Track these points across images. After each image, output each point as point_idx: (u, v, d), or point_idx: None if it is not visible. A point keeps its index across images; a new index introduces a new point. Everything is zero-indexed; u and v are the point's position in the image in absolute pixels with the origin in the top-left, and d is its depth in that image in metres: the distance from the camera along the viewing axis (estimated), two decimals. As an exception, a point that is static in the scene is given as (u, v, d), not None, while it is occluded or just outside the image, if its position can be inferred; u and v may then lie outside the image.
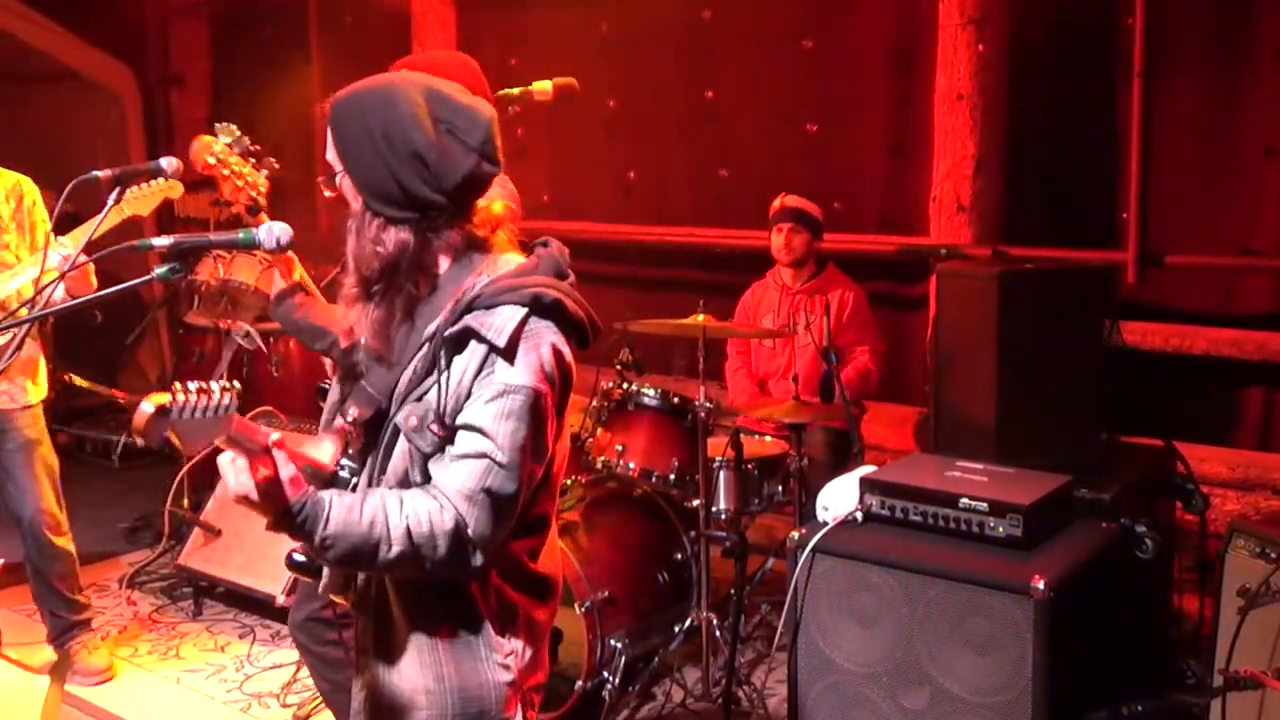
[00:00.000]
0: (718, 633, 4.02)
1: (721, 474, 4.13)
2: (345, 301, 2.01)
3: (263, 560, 4.58)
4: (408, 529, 1.81)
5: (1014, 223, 5.02)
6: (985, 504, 2.81)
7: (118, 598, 4.97)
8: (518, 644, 2.01)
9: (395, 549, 1.80)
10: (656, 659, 4.03)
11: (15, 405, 3.96)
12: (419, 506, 1.83)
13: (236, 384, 1.71)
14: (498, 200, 2.02)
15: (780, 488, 4.23)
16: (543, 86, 3.21)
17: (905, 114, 5.36)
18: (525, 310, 1.87)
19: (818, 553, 2.90)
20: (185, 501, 5.14)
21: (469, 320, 1.86)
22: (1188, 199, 4.69)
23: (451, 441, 1.86)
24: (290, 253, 2.63)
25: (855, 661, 2.86)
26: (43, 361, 4.10)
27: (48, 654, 4.19)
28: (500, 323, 1.84)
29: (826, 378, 4.16)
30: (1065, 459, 3.25)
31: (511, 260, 1.97)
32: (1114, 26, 4.77)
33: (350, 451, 2.01)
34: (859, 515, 2.99)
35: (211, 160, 2.69)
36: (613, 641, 3.82)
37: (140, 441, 1.66)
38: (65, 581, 4.15)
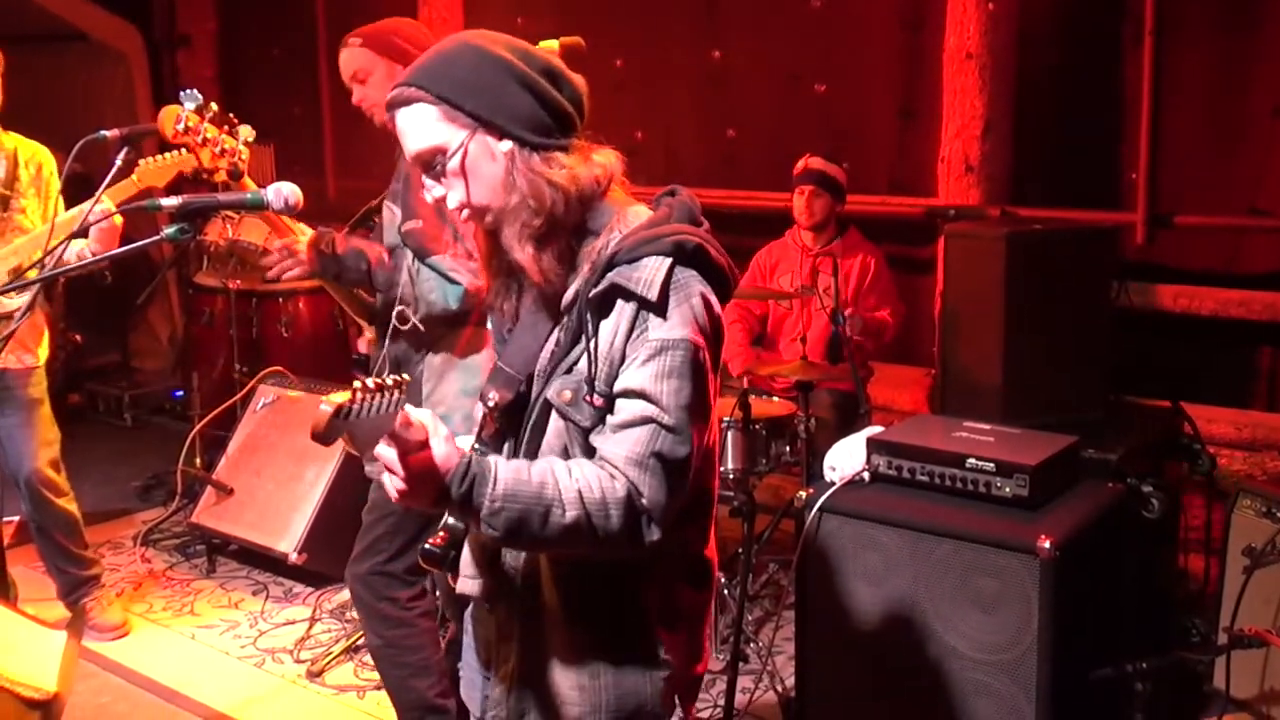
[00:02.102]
0: (726, 591, 4.05)
1: (729, 434, 4.14)
2: (485, 269, 1.89)
3: (275, 518, 4.62)
4: (579, 493, 1.68)
5: (1022, 183, 4.99)
6: (992, 464, 2.82)
7: (132, 555, 5.02)
8: (680, 636, 1.88)
9: (570, 513, 1.67)
10: (665, 617, 4.06)
11: (22, 366, 3.99)
12: (588, 472, 1.71)
13: (406, 376, 1.58)
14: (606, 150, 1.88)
15: (788, 448, 4.24)
16: (549, 46, 3.19)
17: (915, 74, 5.32)
18: (670, 260, 1.73)
19: (825, 512, 2.92)
20: (197, 460, 5.19)
21: (613, 277, 1.73)
22: (1196, 159, 4.67)
23: (611, 411, 1.74)
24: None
25: (862, 620, 2.89)
26: (45, 324, 4.13)
27: (62, 610, 4.25)
28: (647, 275, 1.71)
29: (834, 339, 4.17)
30: (1072, 419, 3.26)
31: (640, 213, 1.84)
32: (1125, -15, 4.73)
33: (483, 436, 1.87)
34: (866, 475, 3.00)
35: (181, 128, 2.68)
36: (621, 600, 3.84)
37: (320, 443, 1.56)
38: (71, 539, 4.19)
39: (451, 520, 1.77)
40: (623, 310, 1.73)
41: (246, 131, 2.82)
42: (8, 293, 3.68)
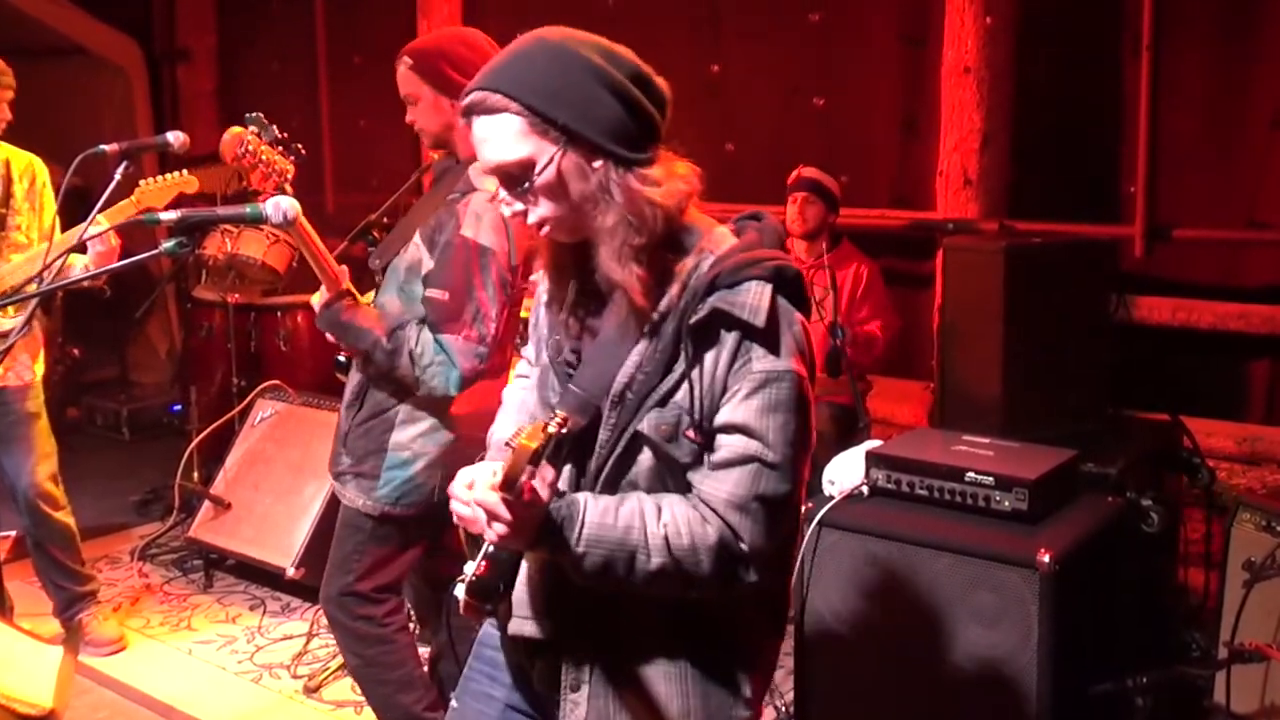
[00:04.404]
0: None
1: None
2: (553, 284, 1.79)
3: (272, 533, 4.61)
4: (666, 539, 1.60)
5: (1021, 197, 5.00)
6: (991, 478, 2.81)
7: (129, 570, 5.00)
8: (757, 678, 1.81)
9: (655, 560, 1.60)
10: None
11: (20, 382, 3.99)
12: (678, 515, 1.62)
13: (568, 415, 1.55)
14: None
15: (787, 461, 4.23)
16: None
17: (914, 88, 5.33)
18: (771, 286, 1.63)
19: (824, 526, 2.91)
20: (195, 475, 5.18)
21: (715, 303, 1.62)
22: (1195, 172, 4.67)
23: (710, 447, 1.64)
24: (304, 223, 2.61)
25: (861, 634, 2.88)
26: (41, 339, 4.13)
27: (58, 626, 4.23)
28: (752, 301, 1.62)
29: (832, 352, 4.17)
30: (1071, 433, 3.26)
31: (725, 235, 1.74)
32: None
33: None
34: (865, 489, 3.00)
35: (242, 151, 2.71)
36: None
37: (513, 483, 1.48)
38: (67, 554, 4.18)
39: (493, 549, 1.64)
40: (725, 340, 1.63)
41: (298, 151, 2.85)
42: (5, 309, 3.69)
